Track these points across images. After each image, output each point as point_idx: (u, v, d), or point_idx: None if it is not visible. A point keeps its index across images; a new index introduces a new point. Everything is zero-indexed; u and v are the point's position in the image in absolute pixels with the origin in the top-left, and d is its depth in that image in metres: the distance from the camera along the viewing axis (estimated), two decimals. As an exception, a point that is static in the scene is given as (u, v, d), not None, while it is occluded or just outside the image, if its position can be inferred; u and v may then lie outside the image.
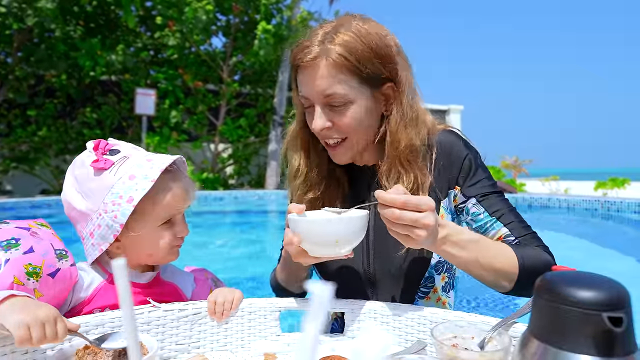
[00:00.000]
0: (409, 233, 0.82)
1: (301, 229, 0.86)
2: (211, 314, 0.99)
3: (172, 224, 1.04)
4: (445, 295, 1.16)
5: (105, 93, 11.61)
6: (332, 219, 0.85)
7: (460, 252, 0.92)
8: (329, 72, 1.01)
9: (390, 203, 0.81)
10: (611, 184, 9.39)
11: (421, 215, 0.81)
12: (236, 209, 9.12)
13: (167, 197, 1.00)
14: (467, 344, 0.76)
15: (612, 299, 0.53)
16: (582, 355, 0.53)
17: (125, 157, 1.01)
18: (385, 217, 0.83)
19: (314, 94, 1.03)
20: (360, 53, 1.02)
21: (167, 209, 1.02)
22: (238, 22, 12.13)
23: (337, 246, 0.85)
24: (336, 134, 1.06)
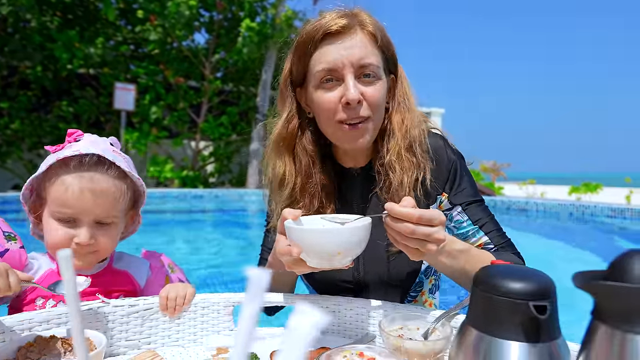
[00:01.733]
0: (419, 247, 0.80)
1: (302, 238, 0.80)
2: (163, 309, 0.97)
3: (74, 225, 0.98)
4: (431, 297, 1.17)
5: (82, 86, 11.36)
6: (337, 229, 0.81)
7: (452, 262, 0.92)
8: (367, 41, 0.99)
9: (405, 217, 0.77)
10: (584, 188, 9.62)
11: (434, 230, 0.79)
12: (217, 208, 9.04)
13: (56, 189, 0.97)
14: (412, 335, 0.79)
15: (538, 289, 0.56)
16: (512, 342, 0.56)
17: (69, 147, 1.01)
18: (396, 230, 0.79)
19: (349, 62, 0.97)
20: (384, 34, 1.02)
21: (58, 203, 0.96)
22: (221, 18, 12.04)
23: (339, 257, 0.80)
24: (363, 110, 0.99)
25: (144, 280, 1.11)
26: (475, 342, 0.59)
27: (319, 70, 0.99)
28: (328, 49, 0.98)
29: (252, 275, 0.33)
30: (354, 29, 0.98)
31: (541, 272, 0.61)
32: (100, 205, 0.98)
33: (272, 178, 1.13)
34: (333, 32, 0.97)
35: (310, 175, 1.08)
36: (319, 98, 1.01)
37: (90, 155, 0.98)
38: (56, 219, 0.98)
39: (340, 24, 0.97)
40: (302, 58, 1.02)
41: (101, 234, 1.00)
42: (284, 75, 1.09)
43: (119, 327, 0.94)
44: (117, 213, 1.02)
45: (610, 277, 0.49)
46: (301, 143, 1.09)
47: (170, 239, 5.56)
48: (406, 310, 0.90)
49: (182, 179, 11.28)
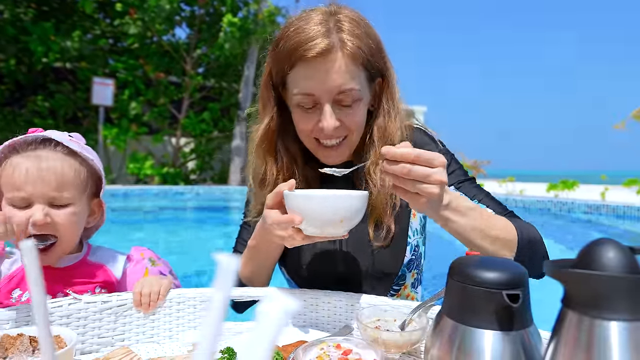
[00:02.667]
0: (418, 191, 0.76)
1: (304, 205, 0.79)
2: (137, 305, 0.95)
3: (28, 208, 0.96)
4: (414, 291, 1.17)
5: (59, 81, 11.08)
6: (341, 195, 0.81)
7: (461, 219, 0.87)
8: (346, 65, 0.92)
9: (400, 158, 0.74)
10: (562, 185, 9.84)
11: (434, 171, 0.75)
12: (198, 205, 8.94)
13: (6, 172, 0.96)
14: (389, 326, 0.80)
15: (511, 278, 0.57)
16: (486, 330, 0.56)
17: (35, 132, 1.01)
18: (393, 174, 0.76)
19: (326, 90, 0.92)
20: (368, 47, 0.96)
21: (9, 186, 0.95)
22: (203, 13, 11.89)
23: (340, 225, 0.80)
24: (339, 132, 0.97)
25: (121, 272, 1.09)
26: (451, 331, 0.60)
27: (295, 94, 0.96)
28: (306, 74, 0.93)
29: (221, 261, 0.32)
30: (334, 51, 0.91)
31: (513, 262, 0.62)
32: (48, 182, 0.95)
33: (254, 177, 1.11)
34: (310, 57, 0.91)
35: (293, 174, 1.07)
36: (296, 116, 1.00)
37: (35, 137, 0.97)
38: (11, 205, 0.95)
39: (319, 48, 0.90)
40: (279, 71, 0.99)
41: (57, 215, 0.97)
42: (264, 78, 1.05)
43: (92, 324, 0.92)
44: (70, 194, 0.98)
45: (579, 265, 0.50)
46: (283, 142, 1.07)
47: (150, 236, 5.48)
48: (383, 303, 0.90)
49: (162, 176, 11.13)
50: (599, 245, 0.49)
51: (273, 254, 1.06)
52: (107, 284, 1.05)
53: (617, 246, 0.49)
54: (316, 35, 0.91)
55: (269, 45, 1.05)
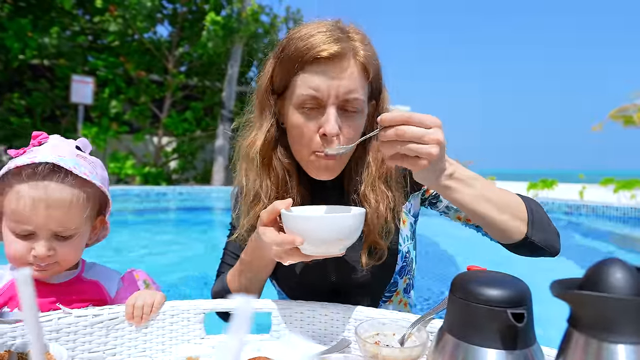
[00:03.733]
0: (417, 153, 0.74)
1: (303, 226, 0.79)
2: (129, 318, 0.92)
3: (32, 238, 0.92)
4: (406, 297, 1.16)
5: (36, 78, 10.81)
6: (339, 216, 0.81)
7: (467, 189, 0.85)
8: (358, 72, 0.92)
9: (392, 122, 0.73)
10: (541, 184, 10.05)
11: (429, 131, 0.73)
12: (181, 206, 8.83)
13: (9, 200, 0.90)
14: (389, 341, 0.79)
15: (515, 296, 0.56)
16: (490, 349, 0.56)
17: (30, 152, 0.94)
18: (387, 141, 0.75)
19: (335, 93, 0.91)
20: (373, 62, 0.95)
21: (13, 215, 0.90)
22: (186, 11, 11.74)
23: (339, 244, 0.81)
24: (337, 145, 0.95)
25: (114, 292, 1.06)
26: (453, 349, 0.59)
27: (302, 94, 0.93)
28: (315, 74, 0.91)
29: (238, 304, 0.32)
30: (347, 57, 0.91)
31: (516, 277, 0.61)
32: (55, 217, 0.91)
33: (246, 191, 1.06)
34: (323, 57, 0.90)
35: (288, 190, 1.04)
36: (297, 121, 0.95)
37: (44, 164, 0.90)
38: (12, 232, 0.91)
39: (333, 50, 0.89)
40: (286, 73, 0.96)
41: (62, 246, 0.94)
42: (264, 83, 1.02)
43: (82, 339, 0.89)
44: (77, 224, 0.95)
45: (585, 286, 0.50)
46: (277, 155, 1.04)
47: (131, 238, 5.38)
48: (381, 316, 0.89)
49: (144, 176, 10.96)
50: (606, 265, 0.50)
51: (266, 268, 1.04)
52: (101, 302, 1.02)
53: (624, 267, 0.49)
54: (329, 40, 0.90)
55: (253, 44, 1.03)
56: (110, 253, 3.94)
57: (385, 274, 1.08)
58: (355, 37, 0.95)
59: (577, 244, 5.50)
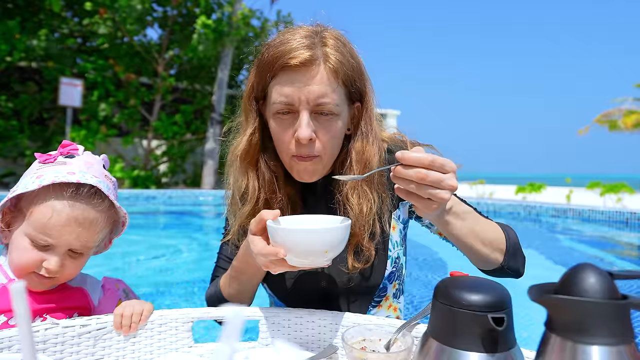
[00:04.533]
0: (431, 197, 0.77)
1: (288, 239, 0.80)
2: (117, 327, 0.92)
3: (47, 250, 0.93)
4: (396, 302, 1.17)
5: (23, 81, 10.69)
6: (324, 229, 0.81)
7: (461, 223, 0.90)
8: (328, 77, 0.94)
9: (416, 163, 0.75)
10: (530, 188, 10.16)
11: (446, 177, 0.76)
12: (170, 209, 8.77)
13: (42, 212, 0.90)
14: (375, 346, 0.80)
15: (496, 301, 0.58)
16: (472, 353, 0.57)
17: (65, 163, 0.95)
18: (408, 179, 0.76)
19: (305, 99, 0.93)
20: (349, 66, 0.97)
21: (39, 226, 0.91)
22: (176, 14, 11.71)
23: (324, 255, 0.81)
24: (314, 149, 0.97)
25: (97, 300, 1.06)
26: (436, 353, 0.61)
27: (275, 102, 0.96)
28: (286, 82, 0.94)
29: (229, 314, 0.33)
30: (316, 63, 0.93)
31: (497, 283, 0.63)
32: (81, 236, 0.93)
33: (235, 192, 1.09)
34: (292, 65, 0.92)
35: (274, 190, 1.06)
36: (274, 128, 1.00)
37: (89, 187, 0.92)
38: (31, 240, 0.92)
39: (302, 57, 0.92)
40: (262, 80, 0.99)
41: (70, 263, 0.95)
42: (247, 90, 1.05)
43: (69, 349, 0.89)
44: (95, 244, 0.98)
45: (561, 290, 0.52)
46: (264, 158, 1.06)
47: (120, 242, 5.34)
48: (367, 322, 0.91)
49: (133, 179, 10.87)
50: (580, 270, 0.51)
51: (257, 275, 1.05)
52: (84, 310, 1.02)
53: (597, 272, 0.51)
54: (300, 47, 0.93)
55: (244, 47, 1.06)
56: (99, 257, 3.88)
57: (374, 279, 1.09)
58: (329, 42, 0.96)
59: (563, 247, 5.58)
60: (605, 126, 18.82)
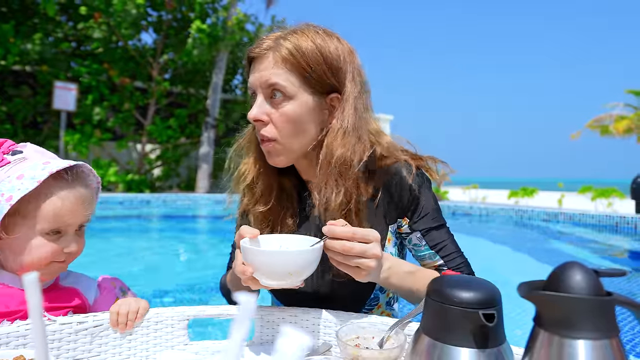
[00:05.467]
0: (359, 265, 0.85)
1: (254, 259, 0.83)
2: (114, 325, 0.93)
3: (60, 236, 0.96)
4: (389, 309, 1.20)
5: (17, 84, 10.64)
6: (287, 252, 0.84)
7: (400, 283, 0.99)
8: (274, 63, 1.03)
9: (343, 236, 0.84)
10: (522, 192, 10.25)
11: (369, 247, 0.84)
12: (165, 213, 8.74)
13: (52, 204, 0.93)
14: (368, 344, 0.81)
15: (486, 298, 0.60)
16: (463, 348, 0.59)
17: (24, 159, 0.95)
18: (335, 250, 0.85)
19: (257, 83, 1.04)
20: (308, 54, 1.03)
21: (52, 218, 0.93)
22: (171, 18, 11.72)
23: (290, 278, 0.84)
24: (266, 131, 1.04)
25: (92, 299, 1.07)
26: (428, 348, 0.62)
27: (248, 88, 1.09)
28: (250, 71, 1.08)
29: (241, 300, 0.34)
30: (269, 51, 1.04)
31: (487, 281, 0.65)
32: (88, 212, 1.00)
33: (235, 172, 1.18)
34: (252, 57, 1.07)
35: (269, 175, 1.13)
36: None
37: (80, 166, 0.99)
38: (43, 235, 0.93)
39: (257, 49, 1.05)
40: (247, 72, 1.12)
41: (80, 237, 1.01)
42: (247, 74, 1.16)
43: (66, 346, 0.90)
44: (93, 212, 1.04)
45: (548, 287, 0.54)
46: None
47: (114, 246, 5.32)
48: (361, 320, 0.92)
49: (127, 183, 10.83)
50: (566, 268, 0.54)
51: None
52: (79, 308, 1.03)
53: (583, 269, 0.53)
54: (264, 40, 1.06)
55: (238, 52, 1.14)
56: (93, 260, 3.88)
57: (365, 290, 1.11)
58: (294, 36, 1.04)
59: (554, 250, 5.63)
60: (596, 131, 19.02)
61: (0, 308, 0.94)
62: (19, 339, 0.85)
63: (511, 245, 5.91)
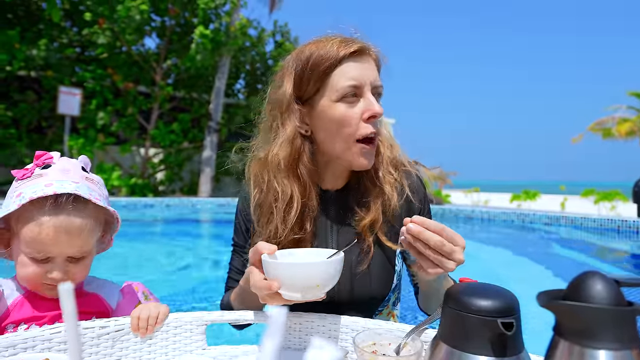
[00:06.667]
0: (440, 263, 0.83)
1: (280, 273, 0.81)
2: (134, 329, 0.95)
3: (48, 261, 0.94)
4: (394, 309, 1.21)
5: (23, 90, 10.69)
6: (315, 263, 0.83)
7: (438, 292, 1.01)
8: (375, 64, 1.06)
9: (432, 228, 0.82)
10: (524, 196, 10.23)
11: (456, 250, 0.83)
12: (168, 217, 8.75)
13: (30, 230, 0.91)
14: (385, 350, 0.81)
15: (505, 306, 0.60)
16: (481, 357, 0.59)
17: (40, 175, 0.95)
18: (424, 241, 0.83)
19: (369, 80, 1.03)
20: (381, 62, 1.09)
21: (31, 244, 0.92)
22: (174, 24, 11.78)
23: (316, 290, 0.82)
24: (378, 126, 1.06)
25: (115, 303, 1.08)
26: (446, 356, 0.63)
27: (343, 86, 1.01)
28: (352, 66, 1.02)
29: (273, 313, 0.36)
30: (369, 51, 1.04)
31: (505, 289, 0.65)
32: (74, 244, 0.95)
33: (278, 198, 1.07)
34: (355, 51, 1.02)
35: (310, 197, 1.07)
36: (341, 112, 1.02)
37: (67, 196, 0.93)
38: (30, 257, 0.93)
39: (359, 45, 1.02)
40: (320, 75, 1.03)
41: (74, 267, 0.97)
42: (287, 95, 1.06)
43: (89, 350, 0.91)
44: (90, 247, 0.99)
45: (569, 296, 0.55)
46: (303, 162, 1.07)
47: (118, 250, 5.34)
48: (377, 326, 0.93)
49: (130, 187, 10.86)
50: (587, 277, 0.55)
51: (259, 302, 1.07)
52: (102, 314, 1.04)
53: (603, 279, 0.54)
54: (350, 39, 1.03)
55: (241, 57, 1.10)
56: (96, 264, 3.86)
57: (381, 292, 1.13)
58: (367, 40, 1.07)
59: (556, 254, 5.62)
60: (599, 134, 18.99)
61: (28, 313, 0.96)
62: (45, 342, 0.87)
63: (513, 249, 5.90)
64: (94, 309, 1.02)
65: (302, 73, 1.05)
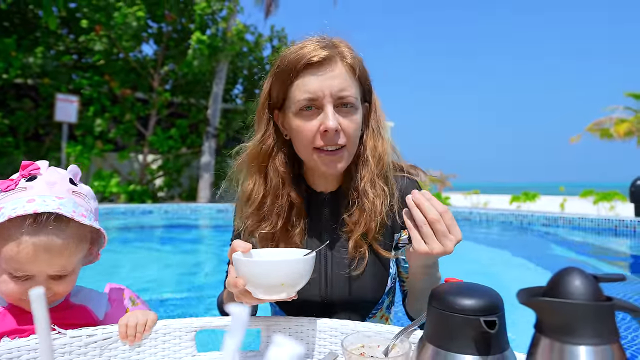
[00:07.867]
0: (427, 240, 0.87)
1: (246, 270, 0.82)
2: (122, 337, 0.94)
3: (28, 279, 0.92)
4: (388, 312, 1.21)
5: (20, 97, 10.71)
6: (278, 261, 0.83)
7: (437, 274, 1.02)
8: (346, 72, 1.02)
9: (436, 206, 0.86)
10: (524, 197, 10.24)
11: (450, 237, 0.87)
12: (166, 224, 8.74)
13: (9, 248, 0.88)
14: (374, 352, 0.82)
15: (488, 305, 0.61)
16: (466, 356, 0.60)
17: (24, 189, 0.92)
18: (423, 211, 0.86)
19: (329, 92, 0.99)
20: (361, 64, 1.06)
21: (10, 262, 0.89)
22: (171, 30, 11.82)
23: (283, 289, 0.83)
24: (340, 139, 1.02)
25: (103, 314, 1.07)
26: (432, 356, 0.63)
27: (299, 99, 1.01)
28: (309, 79, 1.00)
29: (234, 311, 0.36)
30: (334, 60, 1.01)
31: (490, 288, 0.66)
32: (55, 263, 0.92)
33: (240, 195, 1.14)
34: (314, 62, 0.99)
35: (278, 196, 1.10)
36: (298, 125, 1.03)
37: (48, 215, 0.89)
38: (9, 275, 0.91)
39: (322, 55, 0.99)
40: (282, 84, 1.04)
41: (57, 284, 0.95)
42: (262, 97, 1.11)
43: (77, 358, 0.91)
44: (73, 265, 0.97)
45: (548, 293, 0.55)
46: (273, 164, 1.10)
47: (117, 257, 5.32)
48: (366, 329, 0.93)
49: (129, 194, 10.85)
50: (566, 274, 0.55)
51: None
52: (89, 326, 1.04)
53: (583, 275, 0.54)
54: (318, 47, 1.01)
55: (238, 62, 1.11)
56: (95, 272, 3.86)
57: (375, 295, 1.12)
58: (341, 44, 1.05)
59: (554, 255, 5.62)
60: (596, 134, 19.05)
61: (11, 325, 0.95)
62: (30, 352, 0.86)
63: (511, 250, 5.90)
64: (81, 322, 1.01)
65: (273, 80, 1.08)
